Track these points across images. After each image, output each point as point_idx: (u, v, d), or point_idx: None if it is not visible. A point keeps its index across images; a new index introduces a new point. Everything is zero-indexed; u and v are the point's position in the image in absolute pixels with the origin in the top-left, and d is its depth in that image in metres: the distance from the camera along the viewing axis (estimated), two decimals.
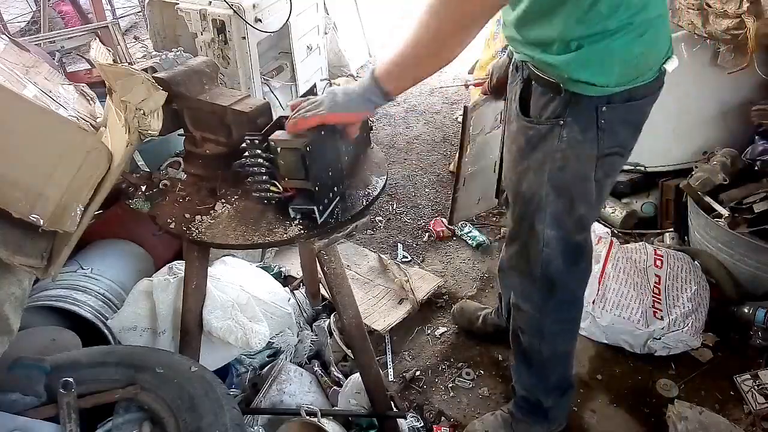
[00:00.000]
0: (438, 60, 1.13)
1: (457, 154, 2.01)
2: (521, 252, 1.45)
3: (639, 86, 1.19)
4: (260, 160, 1.19)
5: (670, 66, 1.23)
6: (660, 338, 1.92)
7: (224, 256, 2.02)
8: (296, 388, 1.72)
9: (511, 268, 1.53)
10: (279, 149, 1.17)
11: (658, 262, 2.11)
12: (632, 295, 1.99)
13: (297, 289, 2.13)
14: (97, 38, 2.97)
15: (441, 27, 1.07)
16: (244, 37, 2.56)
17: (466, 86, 1.26)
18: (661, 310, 1.96)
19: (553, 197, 1.31)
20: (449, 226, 2.64)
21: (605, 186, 1.35)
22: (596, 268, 2.06)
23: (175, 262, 1.74)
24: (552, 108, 1.23)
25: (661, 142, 2.46)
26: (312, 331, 2.01)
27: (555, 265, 1.41)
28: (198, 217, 1.27)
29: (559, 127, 1.23)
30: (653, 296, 2.01)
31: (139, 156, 1.92)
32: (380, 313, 2.12)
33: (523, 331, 1.57)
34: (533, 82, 1.28)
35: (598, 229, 2.22)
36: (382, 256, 2.41)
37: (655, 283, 2.05)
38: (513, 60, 1.43)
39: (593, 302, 1.99)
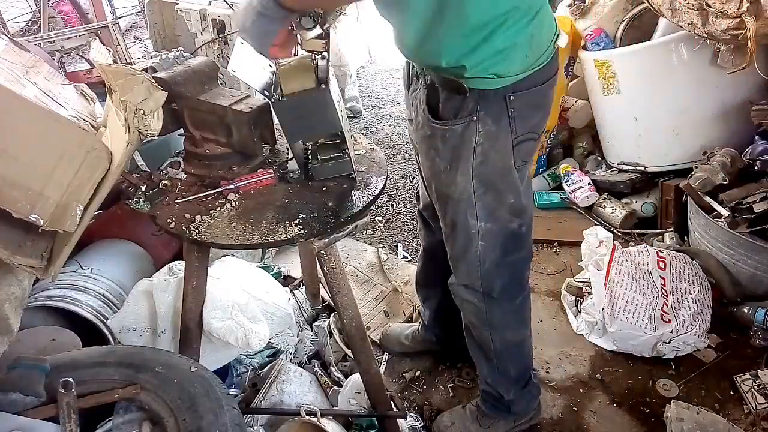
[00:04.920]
0: None
1: None
2: (459, 249, 1.46)
3: (539, 70, 1.25)
4: None
5: (562, 42, 1.29)
6: (669, 341, 1.91)
7: (224, 256, 2.02)
8: (296, 388, 1.72)
9: (453, 267, 1.53)
10: None
11: (662, 264, 2.09)
12: (638, 300, 1.97)
13: (297, 289, 2.13)
14: (97, 38, 2.97)
15: None
16: None
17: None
18: (668, 313, 1.94)
19: (481, 191, 1.34)
20: None
21: (525, 171, 1.40)
22: (600, 275, 2.03)
23: (175, 262, 1.74)
24: (463, 106, 1.26)
25: (661, 142, 2.46)
26: (312, 331, 2.01)
27: (493, 257, 1.43)
28: (198, 217, 1.27)
29: (473, 122, 1.26)
30: (661, 298, 1.99)
31: (139, 156, 1.92)
32: (379, 319, 2.13)
33: (474, 325, 1.59)
34: (438, 86, 1.30)
35: (600, 233, 2.20)
36: (380, 252, 2.41)
37: (662, 285, 2.03)
38: (409, 70, 1.45)
39: (602, 310, 1.97)
